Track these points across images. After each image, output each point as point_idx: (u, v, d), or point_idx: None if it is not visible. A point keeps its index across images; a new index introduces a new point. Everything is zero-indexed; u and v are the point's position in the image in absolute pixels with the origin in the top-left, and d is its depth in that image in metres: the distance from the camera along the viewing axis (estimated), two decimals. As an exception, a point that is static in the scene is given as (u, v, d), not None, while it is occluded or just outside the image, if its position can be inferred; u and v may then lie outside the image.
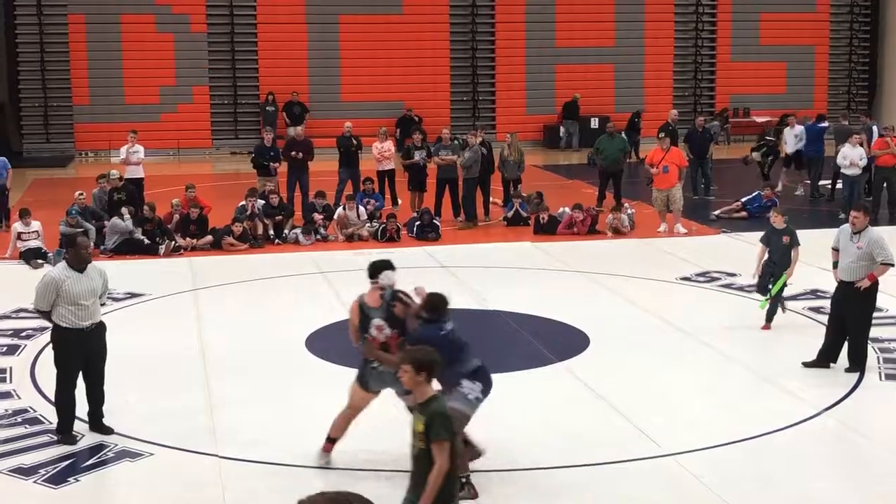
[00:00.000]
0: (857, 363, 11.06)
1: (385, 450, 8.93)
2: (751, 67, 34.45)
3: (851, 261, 10.98)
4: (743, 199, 20.82)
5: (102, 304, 9.75)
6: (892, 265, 11.00)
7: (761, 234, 18.48)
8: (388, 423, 9.13)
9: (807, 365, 11.23)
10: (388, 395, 10.59)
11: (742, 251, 17.52)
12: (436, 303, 8.49)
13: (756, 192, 20.86)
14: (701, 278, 15.53)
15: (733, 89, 34.67)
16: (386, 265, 8.86)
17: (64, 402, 9.38)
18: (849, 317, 11.09)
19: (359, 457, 8.90)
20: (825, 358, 11.22)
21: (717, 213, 20.69)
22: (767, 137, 24.57)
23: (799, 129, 23.33)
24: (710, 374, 11.25)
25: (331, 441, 8.86)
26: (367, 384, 8.73)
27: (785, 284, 12.69)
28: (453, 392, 8.06)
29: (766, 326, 12.76)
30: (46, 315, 9.36)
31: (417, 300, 8.64)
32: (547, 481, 8.53)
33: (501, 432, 9.54)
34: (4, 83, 31.02)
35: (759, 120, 32.45)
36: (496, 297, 14.41)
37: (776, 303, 12.77)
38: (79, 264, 9.29)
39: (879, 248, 10.91)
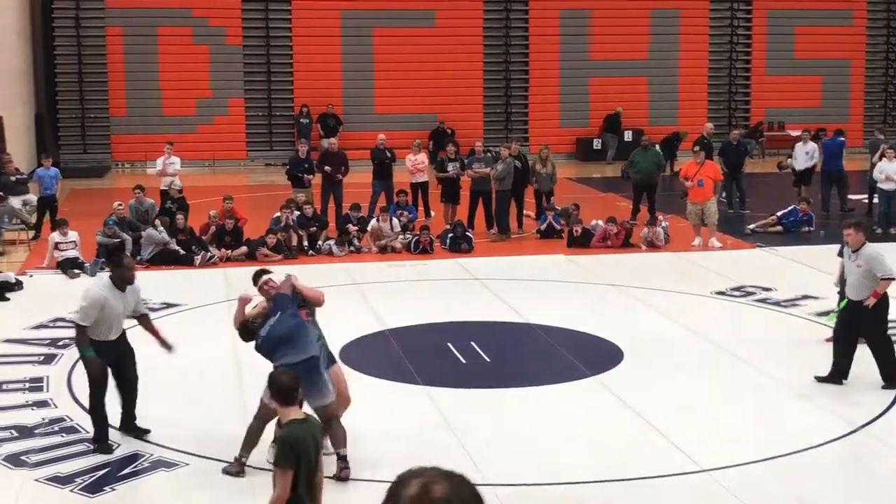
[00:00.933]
0: (891, 380, 10.95)
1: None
2: (786, 81, 34.26)
3: (855, 279, 10.93)
4: (779, 213, 20.70)
5: (144, 313, 10.02)
6: (894, 279, 10.91)
7: (797, 248, 18.51)
8: (428, 433, 9.12)
9: (819, 380, 11.14)
10: (432, 404, 10.61)
11: (778, 266, 17.44)
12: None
13: (792, 206, 20.73)
14: (736, 293, 15.43)
15: (768, 103, 34.49)
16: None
17: (98, 412, 9.47)
18: (866, 336, 11.05)
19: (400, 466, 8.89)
20: (837, 375, 11.09)
21: (752, 226, 20.56)
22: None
23: (811, 146, 22.70)
24: (746, 390, 11.17)
25: None
26: None
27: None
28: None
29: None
30: (84, 329, 9.38)
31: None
32: (581, 496, 8.50)
33: (534, 446, 9.53)
34: (42, 94, 31.37)
35: (794, 133, 32.22)
36: (529, 309, 14.38)
37: None
38: (122, 284, 9.50)
39: (878, 263, 10.82)
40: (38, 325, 13.65)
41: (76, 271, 16.71)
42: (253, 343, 9.10)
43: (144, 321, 9.95)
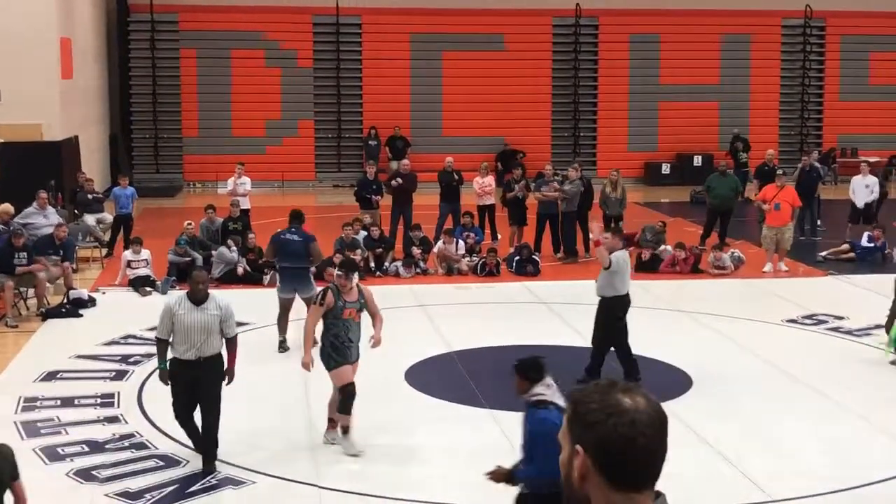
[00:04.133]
0: (591, 374, 11.74)
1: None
2: (859, 107, 33.77)
3: (601, 278, 11.97)
4: (851, 241, 20.35)
5: (229, 336, 9.55)
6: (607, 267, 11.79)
7: (870, 276, 18.17)
8: (493, 456, 9.08)
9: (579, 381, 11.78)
10: (498, 428, 10.56)
11: (850, 294, 17.14)
12: (293, 215, 14.02)
13: (866, 234, 20.36)
14: (808, 321, 15.19)
15: (841, 129, 34.00)
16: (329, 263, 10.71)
17: (183, 427, 9.56)
18: (595, 330, 12.13)
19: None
20: (593, 370, 12.01)
21: (824, 254, 20.22)
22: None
23: (871, 178, 21.96)
24: (817, 419, 10.97)
25: (332, 422, 10.07)
26: None
27: None
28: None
29: None
30: (165, 344, 9.36)
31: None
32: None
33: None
34: (117, 115, 31.98)
35: (870, 160, 31.70)
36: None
37: None
38: (193, 297, 9.38)
39: (600, 258, 11.97)
40: (109, 341, 13.85)
41: (148, 289, 16.96)
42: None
43: (230, 343, 9.58)
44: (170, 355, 9.39)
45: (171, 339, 9.33)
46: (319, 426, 10.57)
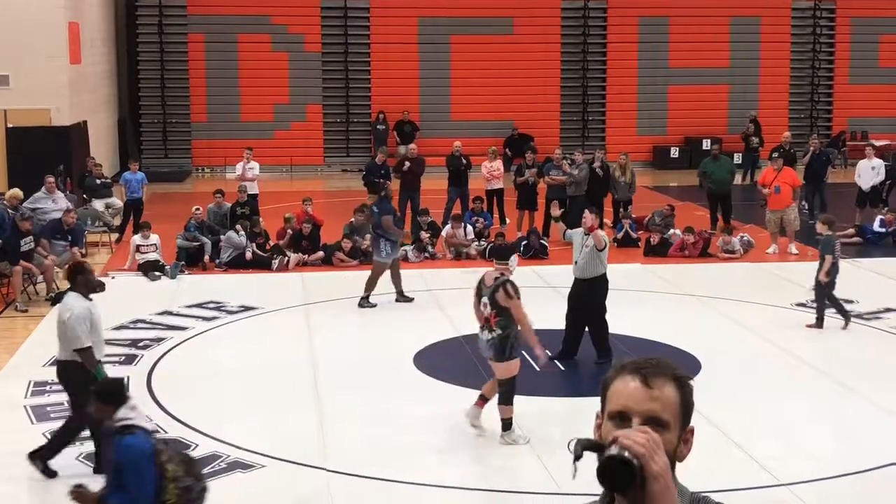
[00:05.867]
0: (605, 354, 11.97)
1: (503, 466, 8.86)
2: (869, 90, 33.61)
3: (584, 260, 12.17)
4: (861, 225, 20.27)
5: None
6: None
7: (879, 260, 18.14)
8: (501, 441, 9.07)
9: (551, 358, 12.00)
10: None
11: (860, 278, 17.08)
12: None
13: (877, 217, 20.30)
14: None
15: (851, 112, 33.86)
16: (514, 250, 10.42)
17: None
18: (587, 312, 12.25)
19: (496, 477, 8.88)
20: (569, 353, 12.27)
21: (833, 237, 20.13)
22: (886, 162, 23.83)
23: (877, 161, 21.76)
24: (827, 403, 10.98)
25: (483, 399, 9.86)
26: None
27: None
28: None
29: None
30: (89, 353, 8.64)
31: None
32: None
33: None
34: (126, 100, 31.99)
35: (878, 143, 31.58)
36: (605, 318, 14.26)
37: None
38: (89, 290, 8.74)
39: (598, 240, 12.07)
40: (118, 325, 13.87)
41: (157, 273, 16.99)
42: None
43: None
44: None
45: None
46: (326, 412, 10.60)
